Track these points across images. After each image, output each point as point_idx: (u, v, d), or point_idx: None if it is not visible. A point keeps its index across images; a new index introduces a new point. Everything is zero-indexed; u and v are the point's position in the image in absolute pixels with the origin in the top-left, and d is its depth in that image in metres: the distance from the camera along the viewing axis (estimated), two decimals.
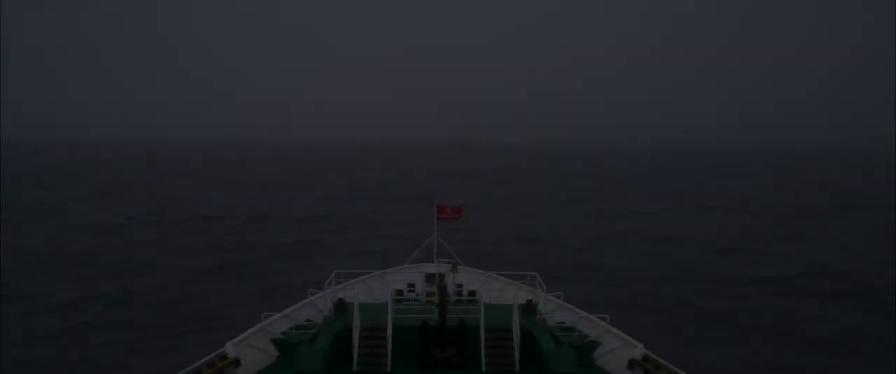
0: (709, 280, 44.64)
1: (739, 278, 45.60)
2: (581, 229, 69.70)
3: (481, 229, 62.17)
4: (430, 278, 26.59)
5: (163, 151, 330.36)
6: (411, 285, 25.62)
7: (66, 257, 49.34)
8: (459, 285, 25.25)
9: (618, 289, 40.98)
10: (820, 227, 73.10)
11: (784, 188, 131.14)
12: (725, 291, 41.85)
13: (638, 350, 19.52)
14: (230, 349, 19.06)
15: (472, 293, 24.86)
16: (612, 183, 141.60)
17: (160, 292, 38.98)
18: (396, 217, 76.13)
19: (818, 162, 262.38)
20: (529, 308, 22.75)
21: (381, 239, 59.86)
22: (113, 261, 48.13)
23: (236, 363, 18.73)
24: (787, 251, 56.90)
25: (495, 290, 25.50)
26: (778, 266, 50.06)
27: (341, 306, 22.61)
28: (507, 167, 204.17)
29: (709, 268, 49.08)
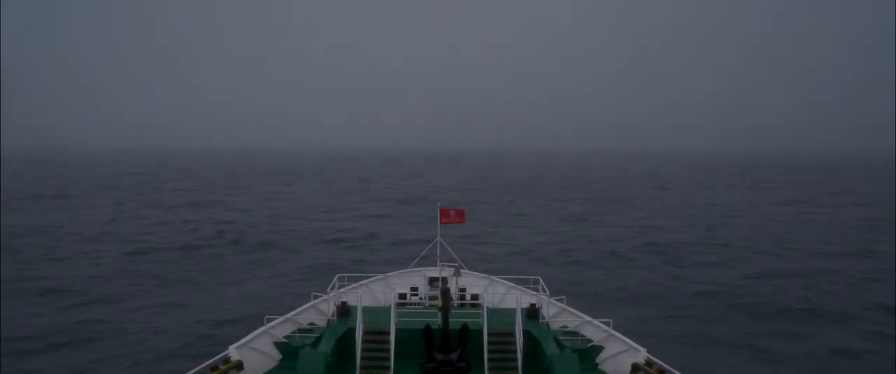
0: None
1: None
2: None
3: None
4: (433, 281, 26.59)
5: None
6: (414, 289, 25.61)
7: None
8: (462, 289, 25.22)
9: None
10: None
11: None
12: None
13: (641, 355, 19.48)
14: (233, 352, 19.07)
15: (475, 297, 24.82)
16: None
17: None
18: None
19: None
20: (532, 312, 22.73)
21: None
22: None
23: (239, 366, 18.73)
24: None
25: (498, 294, 25.47)
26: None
27: (344, 310, 22.61)
28: None
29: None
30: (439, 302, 20.81)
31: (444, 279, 24.97)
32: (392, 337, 19.84)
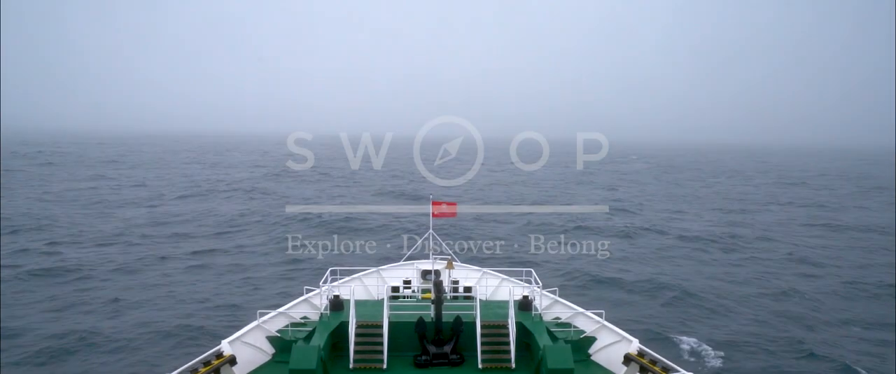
0: None
1: None
2: None
3: None
4: (425, 274, 26.64)
5: None
6: (407, 282, 25.64)
7: None
8: (455, 282, 25.28)
9: None
10: None
11: None
12: None
13: (633, 345, 19.61)
14: (226, 346, 19.02)
15: (467, 290, 24.88)
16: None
17: None
18: None
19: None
20: (525, 304, 22.80)
21: None
22: None
23: (232, 360, 18.70)
24: None
25: (491, 286, 25.56)
26: None
27: (337, 304, 22.60)
28: None
29: None
30: (432, 295, 20.85)
31: (437, 272, 25.02)
32: (385, 330, 19.85)
